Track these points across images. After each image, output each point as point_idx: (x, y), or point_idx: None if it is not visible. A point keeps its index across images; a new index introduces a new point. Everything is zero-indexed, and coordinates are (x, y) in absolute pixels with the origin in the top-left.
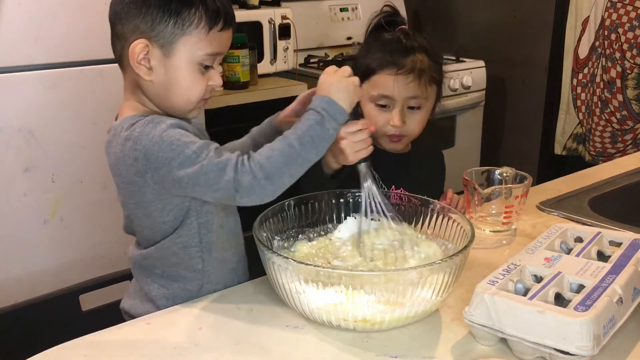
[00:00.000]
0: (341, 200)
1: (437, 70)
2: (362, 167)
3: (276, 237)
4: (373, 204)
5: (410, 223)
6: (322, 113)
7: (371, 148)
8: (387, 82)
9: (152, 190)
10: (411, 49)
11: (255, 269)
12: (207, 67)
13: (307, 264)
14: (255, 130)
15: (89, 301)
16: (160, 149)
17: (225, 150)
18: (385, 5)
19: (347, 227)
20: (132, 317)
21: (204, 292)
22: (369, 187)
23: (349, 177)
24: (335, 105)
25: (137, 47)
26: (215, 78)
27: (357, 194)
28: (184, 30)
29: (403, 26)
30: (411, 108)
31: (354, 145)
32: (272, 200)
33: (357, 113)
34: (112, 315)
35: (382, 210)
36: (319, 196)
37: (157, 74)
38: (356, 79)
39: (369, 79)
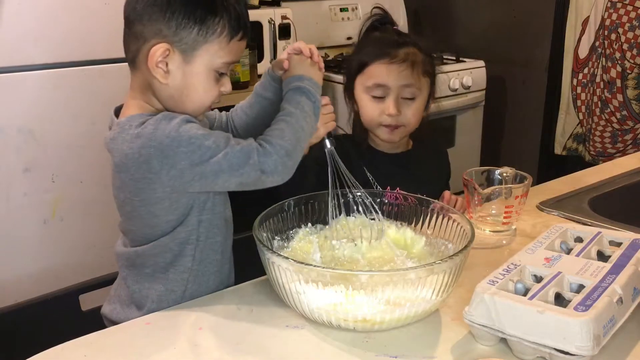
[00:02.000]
0: (341, 200)
1: (429, 64)
2: (327, 141)
3: (276, 237)
4: (341, 176)
5: (410, 223)
6: (307, 89)
7: (334, 123)
8: (381, 71)
9: (163, 187)
10: (403, 43)
11: (254, 269)
12: (221, 74)
13: (307, 264)
14: (258, 86)
15: (89, 301)
16: (180, 144)
17: (237, 138)
18: (375, 7)
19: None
20: (113, 322)
21: (188, 295)
22: (331, 158)
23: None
24: (313, 81)
25: (159, 51)
26: (227, 84)
27: (357, 193)
28: (206, 38)
29: (395, 27)
30: (405, 99)
31: (323, 118)
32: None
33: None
34: None
35: (351, 183)
36: (319, 196)
37: (173, 78)
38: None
39: (362, 71)
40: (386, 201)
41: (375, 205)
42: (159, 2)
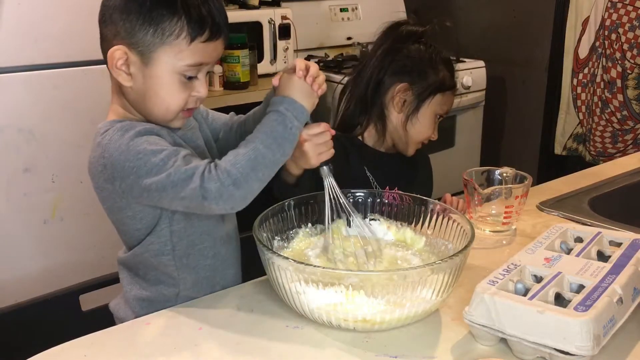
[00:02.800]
0: (341, 200)
1: None
2: (325, 170)
3: (276, 237)
4: (337, 205)
5: (410, 223)
6: (283, 113)
7: (332, 151)
8: (449, 101)
9: (121, 198)
10: (452, 66)
11: (254, 269)
12: (190, 78)
13: (307, 264)
14: (265, 99)
15: (89, 301)
16: (127, 159)
17: (195, 157)
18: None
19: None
20: (117, 317)
21: (181, 298)
22: (330, 187)
23: (311, 182)
24: (296, 104)
25: (116, 53)
26: (200, 89)
27: (357, 194)
28: (163, 40)
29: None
30: None
31: (317, 148)
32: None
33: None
34: (112, 316)
35: (347, 211)
36: (319, 196)
37: (136, 80)
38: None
39: (435, 95)
40: (386, 201)
41: (369, 229)
42: (118, 4)
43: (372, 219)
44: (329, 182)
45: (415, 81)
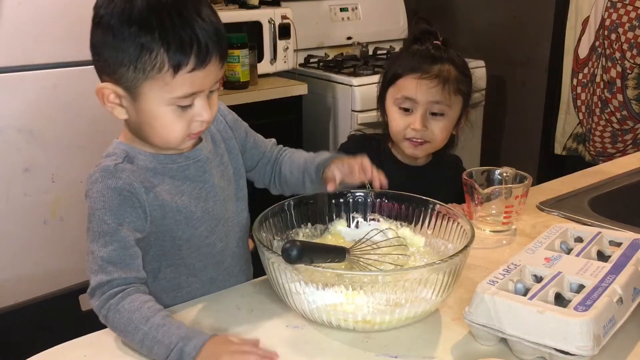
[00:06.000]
0: (341, 200)
1: (464, 83)
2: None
3: (276, 237)
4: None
5: (410, 223)
6: (178, 351)
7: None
8: (410, 85)
9: None
10: (439, 58)
11: (254, 269)
12: (185, 107)
13: (306, 265)
14: (305, 167)
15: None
16: (89, 203)
17: (134, 250)
18: (418, 18)
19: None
20: None
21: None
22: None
23: None
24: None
25: (104, 90)
26: (203, 113)
27: (357, 193)
28: (146, 75)
29: (437, 41)
30: (434, 114)
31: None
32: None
33: None
34: None
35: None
36: (319, 196)
37: (130, 114)
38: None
39: (394, 83)
40: (386, 201)
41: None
42: (100, 39)
43: (372, 219)
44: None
45: (384, 74)
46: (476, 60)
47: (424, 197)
